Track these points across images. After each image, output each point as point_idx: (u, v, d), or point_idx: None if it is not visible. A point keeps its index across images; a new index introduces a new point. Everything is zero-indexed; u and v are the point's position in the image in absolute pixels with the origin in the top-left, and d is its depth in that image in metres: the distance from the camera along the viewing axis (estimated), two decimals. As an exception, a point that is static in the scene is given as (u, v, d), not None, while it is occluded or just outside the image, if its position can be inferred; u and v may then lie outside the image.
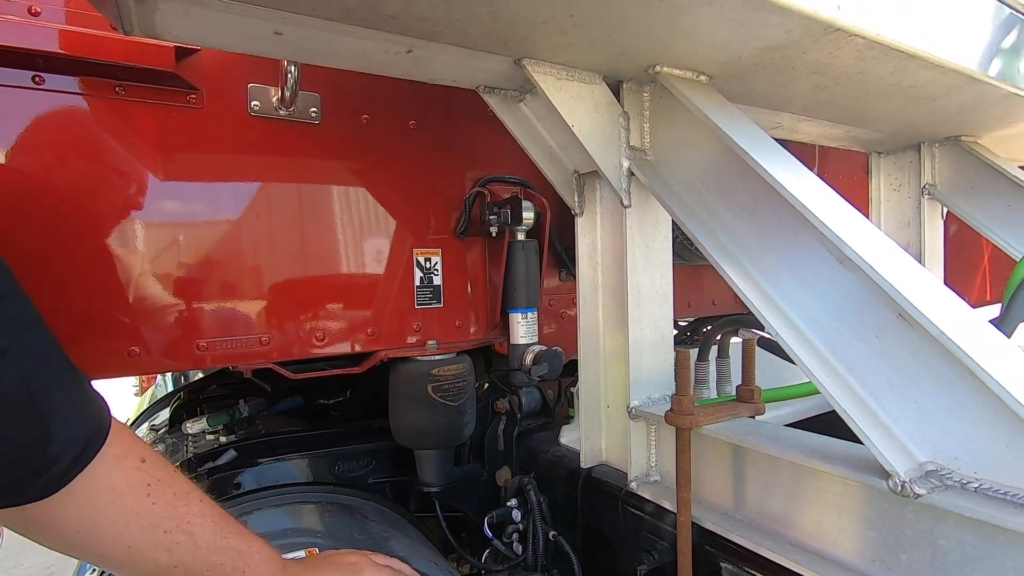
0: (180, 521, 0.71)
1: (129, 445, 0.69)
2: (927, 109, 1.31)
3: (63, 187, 0.99)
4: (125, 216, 1.04)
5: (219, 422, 1.65)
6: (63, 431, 0.61)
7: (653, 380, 1.10)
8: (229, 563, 0.74)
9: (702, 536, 0.93)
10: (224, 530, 0.75)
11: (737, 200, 0.93)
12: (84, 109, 1.01)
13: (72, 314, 1.00)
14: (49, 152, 0.99)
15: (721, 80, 1.07)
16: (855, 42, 0.91)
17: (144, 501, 0.68)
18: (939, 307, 0.68)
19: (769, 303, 0.85)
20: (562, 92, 0.99)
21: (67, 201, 1.00)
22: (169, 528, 0.70)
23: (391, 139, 1.31)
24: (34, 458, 0.59)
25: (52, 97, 0.99)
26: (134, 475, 0.68)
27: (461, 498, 1.45)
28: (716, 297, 1.91)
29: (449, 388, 1.29)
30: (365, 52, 0.90)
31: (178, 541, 0.70)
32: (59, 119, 1.00)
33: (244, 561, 0.75)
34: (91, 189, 1.02)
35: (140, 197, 1.06)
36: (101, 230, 1.02)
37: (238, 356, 1.15)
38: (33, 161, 0.97)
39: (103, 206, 1.03)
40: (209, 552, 0.72)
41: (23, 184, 0.97)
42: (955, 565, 0.67)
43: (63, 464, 0.61)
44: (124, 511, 0.67)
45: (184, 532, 0.71)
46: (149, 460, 0.71)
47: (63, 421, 0.61)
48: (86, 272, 1.01)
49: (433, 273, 1.37)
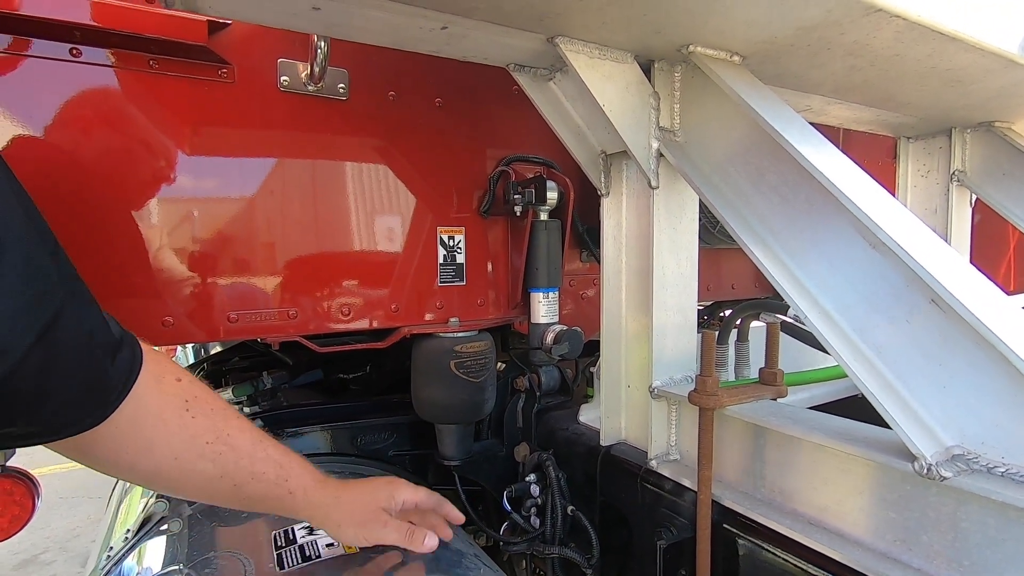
0: (220, 433, 0.75)
1: (164, 366, 0.74)
2: (961, 93, 1.29)
3: (102, 159, 1.01)
4: (160, 189, 1.06)
5: (243, 392, 1.69)
6: (116, 365, 0.65)
7: (675, 361, 1.11)
8: (271, 472, 0.78)
9: (721, 514, 0.95)
10: (263, 443, 0.79)
11: (768, 182, 0.93)
12: (120, 82, 1.03)
13: (109, 283, 1.03)
14: (87, 124, 1.00)
15: (754, 61, 1.06)
16: (895, 23, 0.89)
17: (184, 416, 0.72)
18: (973, 292, 0.68)
19: (798, 286, 0.85)
20: (594, 71, 0.99)
21: (105, 173, 1.02)
22: (211, 439, 0.74)
23: (417, 116, 1.31)
24: (95, 391, 0.63)
25: (88, 70, 1.00)
26: (172, 393, 0.73)
27: (480, 472, 1.48)
28: (735, 281, 1.91)
29: (471, 365, 1.31)
30: (399, 28, 0.90)
31: (220, 451, 0.74)
32: (95, 91, 1.01)
33: (285, 471, 0.79)
34: (127, 162, 1.04)
35: (172, 171, 1.08)
36: (138, 202, 1.04)
37: (267, 328, 1.18)
38: (73, 133, 0.99)
39: (138, 179, 1.05)
40: (251, 461, 0.77)
41: (63, 156, 0.99)
42: (977, 547, 0.68)
43: (114, 395, 0.65)
44: (167, 424, 0.71)
45: (225, 443, 0.75)
46: (184, 379, 0.75)
47: (112, 353, 0.65)
48: (122, 243, 1.04)
49: (456, 251, 1.38)
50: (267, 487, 0.78)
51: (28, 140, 0.96)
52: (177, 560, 1.03)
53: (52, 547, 3.75)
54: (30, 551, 3.67)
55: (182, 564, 1.01)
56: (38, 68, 0.96)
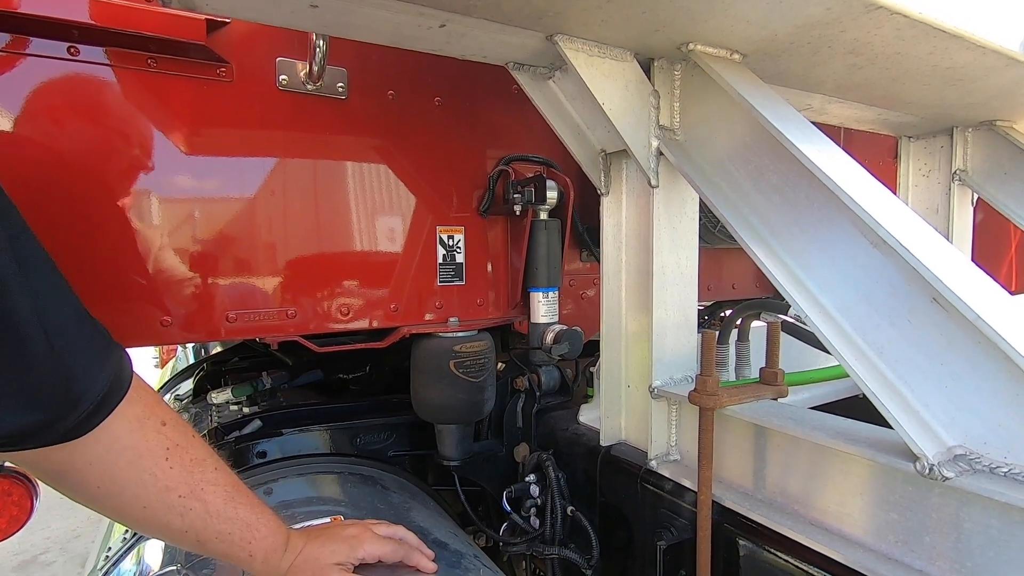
0: (194, 487, 0.73)
1: (152, 407, 0.72)
2: (963, 91, 1.28)
3: (99, 158, 1.01)
4: (158, 189, 1.06)
5: (243, 393, 1.69)
6: (84, 374, 0.63)
7: (675, 361, 1.11)
8: (237, 533, 0.76)
9: (721, 514, 0.94)
10: (235, 500, 0.77)
11: (768, 181, 0.92)
12: (118, 81, 1.02)
13: (107, 283, 1.02)
14: (85, 123, 1.00)
15: (754, 59, 1.06)
16: (896, 20, 0.89)
17: (162, 464, 0.71)
18: (975, 291, 0.68)
19: (799, 285, 0.85)
20: (593, 69, 0.98)
21: (102, 173, 1.01)
22: (183, 493, 0.72)
23: (416, 115, 1.31)
24: (56, 395, 0.60)
25: (87, 68, 1.00)
26: (154, 437, 0.71)
27: (480, 472, 1.48)
28: (736, 281, 1.91)
29: (471, 365, 1.31)
30: (398, 25, 0.90)
31: (191, 507, 0.72)
32: (93, 90, 1.01)
33: (251, 532, 0.77)
34: (124, 161, 1.03)
35: (171, 170, 1.07)
36: (136, 202, 1.04)
37: (265, 328, 1.18)
38: (70, 132, 0.99)
39: (135, 179, 1.04)
40: (219, 520, 0.75)
41: (58, 155, 0.98)
42: (980, 548, 0.67)
43: (85, 407, 0.62)
44: (142, 471, 0.69)
45: (197, 499, 0.73)
46: (169, 424, 0.73)
47: (84, 364, 0.63)
48: (120, 243, 1.03)
49: (456, 251, 1.37)
50: (229, 547, 0.77)
51: (25, 139, 0.96)
52: (175, 560, 1.02)
53: (52, 548, 3.75)
54: (30, 552, 3.67)
55: (180, 564, 1.00)
56: (36, 67, 0.96)
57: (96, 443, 0.65)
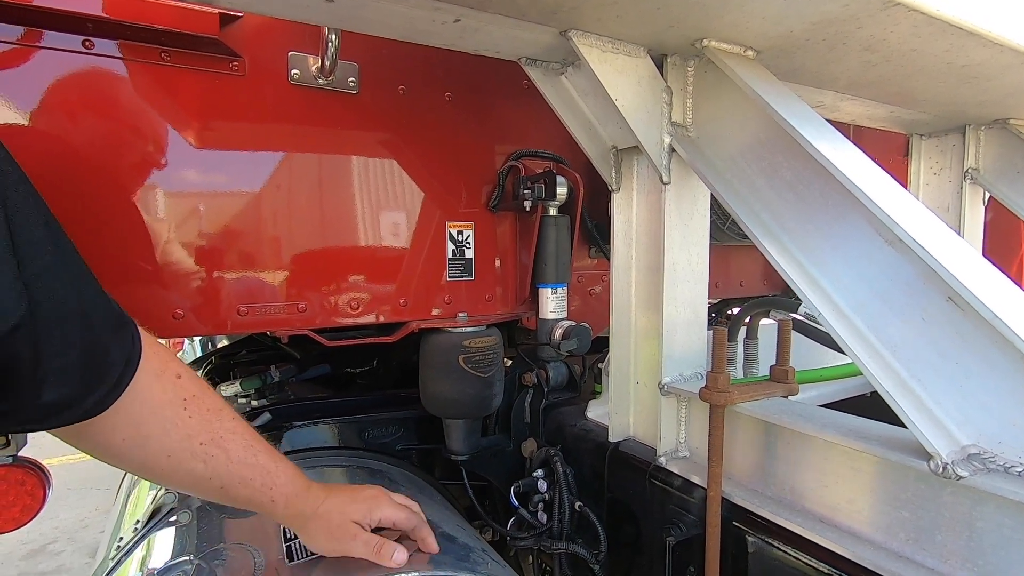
0: (214, 435, 0.75)
1: (166, 361, 0.74)
2: (978, 89, 1.27)
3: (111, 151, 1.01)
4: (170, 182, 1.06)
5: (251, 386, 1.70)
6: (113, 346, 0.65)
7: (685, 358, 1.11)
8: (258, 479, 0.79)
9: (730, 511, 0.95)
10: (254, 448, 0.79)
11: (782, 178, 0.92)
12: (131, 74, 1.02)
13: (121, 276, 1.03)
14: (98, 116, 1.00)
15: (768, 56, 1.05)
16: (914, 17, 0.88)
17: (181, 414, 0.73)
18: (991, 290, 0.67)
19: (812, 282, 0.85)
20: (607, 65, 0.98)
21: (115, 166, 1.02)
22: (205, 440, 0.74)
23: (427, 110, 1.31)
24: (92, 369, 0.63)
25: (101, 62, 1.00)
26: (172, 389, 0.73)
27: (487, 467, 1.48)
28: (744, 279, 1.90)
29: (480, 360, 1.31)
30: (412, 20, 0.90)
31: (213, 454, 0.75)
32: (106, 84, 1.01)
33: (271, 478, 0.80)
34: (137, 155, 1.04)
35: (183, 164, 1.08)
36: (147, 195, 1.04)
37: (276, 322, 1.18)
38: (84, 125, 0.99)
39: (148, 172, 1.05)
40: (240, 467, 0.77)
41: (72, 147, 0.99)
42: (992, 547, 0.67)
43: (115, 375, 0.65)
44: (164, 422, 0.71)
45: (218, 446, 0.75)
46: (184, 376, 0.75)
47: (111, 337, 0.65)
48: (132, 236, 1.04)
49: (465, 246, 1.37)
50: (252, 492, 0.79)
51: (40, 131, 0.96)
52: (187, 551, 1.03)
53: (61, 538, 3.78)
54: (39, 541, 3.70)
55: (192, 555, 1.01)
56: (51, 60, 0.96)
57: (119, 402, 0.66)
